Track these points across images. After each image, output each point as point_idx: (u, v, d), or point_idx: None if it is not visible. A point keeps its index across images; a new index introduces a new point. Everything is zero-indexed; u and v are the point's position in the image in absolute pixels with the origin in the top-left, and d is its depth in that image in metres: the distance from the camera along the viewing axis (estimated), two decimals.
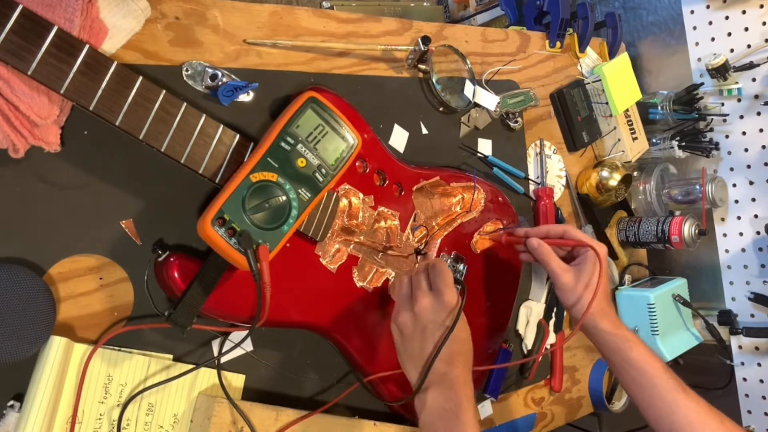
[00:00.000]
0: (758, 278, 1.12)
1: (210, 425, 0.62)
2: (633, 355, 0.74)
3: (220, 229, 0.57)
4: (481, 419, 0.92)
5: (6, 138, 0.52)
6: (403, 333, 0.65)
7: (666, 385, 0.72)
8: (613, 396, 1.11)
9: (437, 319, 0.64)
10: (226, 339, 0.67)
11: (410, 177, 0.79)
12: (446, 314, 0.64)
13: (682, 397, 0.71)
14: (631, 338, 0.75)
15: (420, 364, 0.63)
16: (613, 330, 0.76)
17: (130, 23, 0.59)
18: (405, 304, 0.66)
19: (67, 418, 0.57)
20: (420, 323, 0.64)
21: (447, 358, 0.62)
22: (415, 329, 0.64)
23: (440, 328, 0.63)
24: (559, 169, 1.04)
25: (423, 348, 0.63)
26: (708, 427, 0.70)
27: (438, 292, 0.65)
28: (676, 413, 0.71)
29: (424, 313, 0.64)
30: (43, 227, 0.57)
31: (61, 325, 0.58)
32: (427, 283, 0.67)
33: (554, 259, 0.78)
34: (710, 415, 0.70)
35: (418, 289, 0.66)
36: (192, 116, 0.58)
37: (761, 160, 1.11)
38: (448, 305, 0.64)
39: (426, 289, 0.66)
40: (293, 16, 0.73)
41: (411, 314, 0.65)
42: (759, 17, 1.08)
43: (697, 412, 0.70)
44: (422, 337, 0.64)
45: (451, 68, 0.89)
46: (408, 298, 0.66)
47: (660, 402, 0.72)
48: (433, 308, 0.64)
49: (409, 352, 0.65)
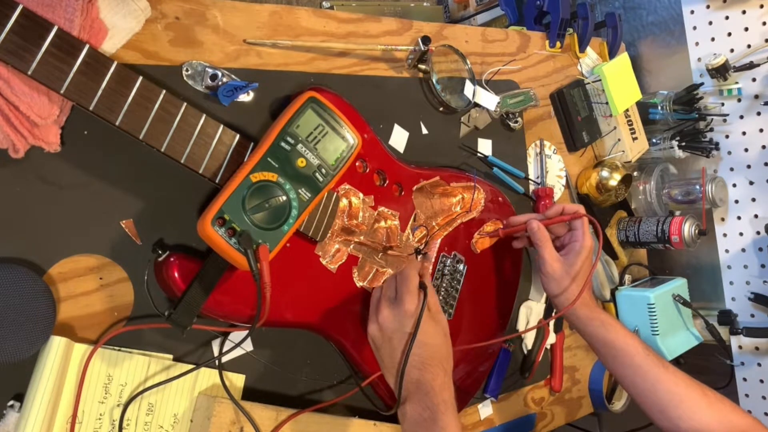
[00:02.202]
0: (758, 278, 1.12)
1: (210, 425, 0.62)
2: (611, 337, 0.77)
3: (220, 229, 0.57)
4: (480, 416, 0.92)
5: (6, 138, 0.52)
6: (375, 344, 0.66)
7: (646, 362, 0.75)
8: (613, 396, 1.11)
9: (400, 328, 0.64)
10: (226, 339, 0.67)
11: (410, 177, 0.79)
12: (408, 321, 0.64)
13: (661, 372, 0.74)
14: (607, 321, 0.78)
15: (394, 372, 0.64)
16: (591, 314, 0.79)
17: (130, 23, 0.59)
18: (372, 315, 0.67)
19: (67, 418, 0.57)
20: (386, 334, 0.65)
21: (419, 365, 0.63)
22: (383, 340, 0.65)
23: (404, 335, 0.63)
24: (559, 169, 1.04)
25: (393, 357, 0.64)
26: (689, 398, 0.72)
27: (399, 300, 0.65)
28: (658, 388, 0.73)
29: (387, 323, 0.65)
30: (43, 227, 0.57)
31: (61, 325, 0.58)
32: (393, 291, 0.67)
33: (548, 246, 0.80)
34: (691, 387, 0.73)
35: (382, 299, 0.67)
36: (192, 116, 0.58)
37: (761, 160, 1.11)
38: (408, 312, 0.64)
39: (389, 297, 0.66)
40: (293, 16, 0.73)
41: (377, 325, 0.66)
42: (759, 17, 1.08)
43: (677, 384, 0.73)
44: (390, 347, 0.64)
45: (451, 68, 0.89)
46: (375, 308, 0.67)
47: (641, 379, 0.74)
48: (394, 317, 0.64)
49: (384, 363, 0.66)
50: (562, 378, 1.03)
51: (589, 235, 0.80)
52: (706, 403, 0.71)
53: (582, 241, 0.79)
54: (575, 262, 0.79)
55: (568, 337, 1.06)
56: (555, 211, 0.82)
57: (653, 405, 0.74)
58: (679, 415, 0.71)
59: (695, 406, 0.71)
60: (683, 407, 0.71)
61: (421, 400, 0.61)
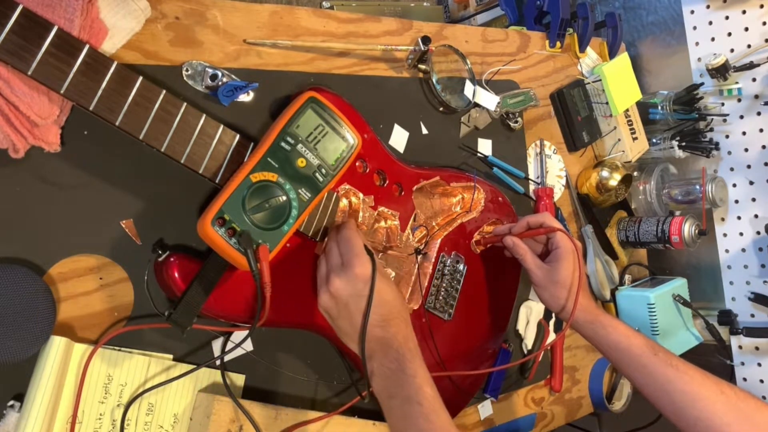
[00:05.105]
0: (758, 278, 1.12)
1: (209, 423, 0.62)
2: (614, 339, 0.74)
3: (220, 229, 0.57)
4: (481, 415, 0.92)
5: (6, 138, 0.52)
6: (330, 314, 0.65)
7: (652, 362, 0.72)
8: (613, 396, 1.10)
9: (354, 292, 0.62)
10: (228, 339, 0.67)
11: (410, 177, 0.79)
12: (362, 284, 0.62)
13: (670, 371, 0.70)
14: (608, 322, 0.76)
15: (356, 337, 0.63)
16: (591, 319, 0.76)
17: (130, 23, 0.59)
18: (322, 286, 0.65)
19: (67, 418, 0.57)
20: (341, 302, 0.63)
21: (380, 323, 0.62)
22: (339, 308, 0.64)
23: (361, 299, 0.62)
24: (559, 169, 1.04)
25: (353, 323, 0.63)
26: (705, 398, 0.68)
27: (347, 265, 0.63)
28: (669, 390, 0.70)
29: (340, 291, 0.63)
30: (43, 227, 0.57)
31: (61, 325, 0.58)
32: (338, 257, 0.65)
33: (529, 256, 0.80)
34: (705, 385, 0.69)
35: (329, 269, 0.65)
36: (192, 116, 0.58)
37: (761, 160, 1.11)
38: (361, 276, 0.62)
39: (336, 265, 0.64)
40: (293, 16, 0.73)
41: (329, 295, 0.64)
42: (759, 17, 1.08)
43: (689, 383, 0.69)
44: (348, 313, 0.63)
45: (451, 68, 0.89)
46: (324, 280, 0.65)
47: (653, 381, 0.71)
48: (347, 283, 0.63)
49: (344, 331, 0.64)
50: (562, 378, 1.03)
51: (568, 239, 0.78)
52: (724, 402, 0.67)
53: (562, 247, 0.78)
54: (559, 267, 0.77)
55: (568, 337, 1.06)
56: (520, 226, 0.81)
57: (667, 407, 0.70)
58: (696, 416, 0.68)
59: (712, 406, 0.67)
60: (699, 407, 0.68)
61: (387, 354, 0.61)
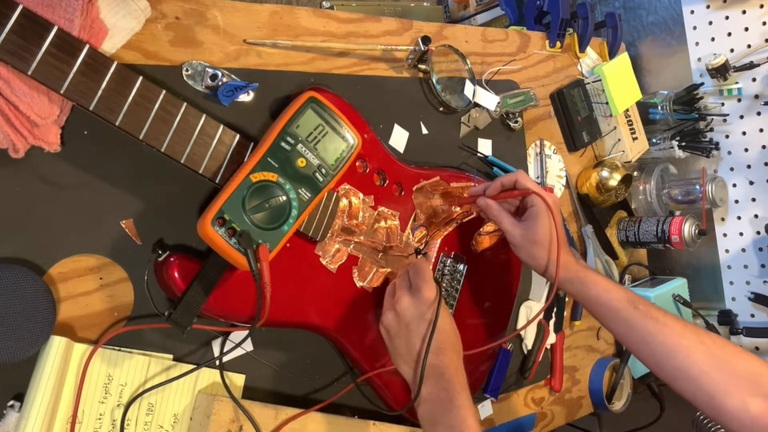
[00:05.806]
0: (758, 278, 1.12)
1: (209, 423, 0.62)
2: (593, 293, 0.73)
3: (220, 229, 0.57)
4: (480, 415, 0.92)
5: (6, 138, 0.52)
6: (390, 332, 0.68)
7: (632, 316, 0.70)
8: (613, 396, 1.10)
9: (419, 315, 0.66)
10: (227, 339, 0.67)
11: (410, 177, 0.79)
12: (426, 308, 0.66)
13: (650, 324, 0.69)
14: (586, 277, 0.74)
15: (410, 359, 0.66)
16: (571, 276, 0.75)
17: (130, 23, 0.59)
18: (388, 305, 0.69)
19: (67, 418, 0.57)
20: (404, 321, 0.67)
21: (435, 350, 0.65)
22: (400, 327, 0.67)
23: (423, 322, 0.66)
24: (559, 169, 1.04)
25: (410, 344, 0.66)
26: (684, 348, 0.67)
27: (416, 289, 0.67)
28: (649, 341, 0.69)
29: (406, 311, 0.67)
30: (43, 227, 0.57)
31: (61, 325, 0.58)
32: (407, 283, 0.69)
33: (503, 217, 0.77)
34: (684, 336, 0.68)
35: (399, 289, 0.69)
36: (192, 116, 0.58)
37: (761, 160, 1.11)
38: (427, 300, 0.66)
39: (406, 287, 0.69)
40: (293, 16, 0.73)
41: (394, 313, 0.68)
42: (759, 17, 1.08)
43: (669, 335, 0.68)
44: (407, 334, 0.66)
45: (451, 68, 0.89)
46: (391, 299, 0.69)
47: (633, 333, 0.71)
48: (413, 304, 0.67)
49: (399, 351, 0.67)
50: (562, 378, 1.03)
51: (542, 194, 0.75)
52: (703, 351, 0.66)
53: (537, 205, 0.75)
54: (535, 226, 0.74)
55: (568, 337, 1.06)
56: (494, 187, 0.78)
57: (648, 359, 0.70)
58: (677, 366, 0.67)
59: (691, 356, 0.66)
60: (680, 358, 0.67)
61: (438, 382, 0.63)
